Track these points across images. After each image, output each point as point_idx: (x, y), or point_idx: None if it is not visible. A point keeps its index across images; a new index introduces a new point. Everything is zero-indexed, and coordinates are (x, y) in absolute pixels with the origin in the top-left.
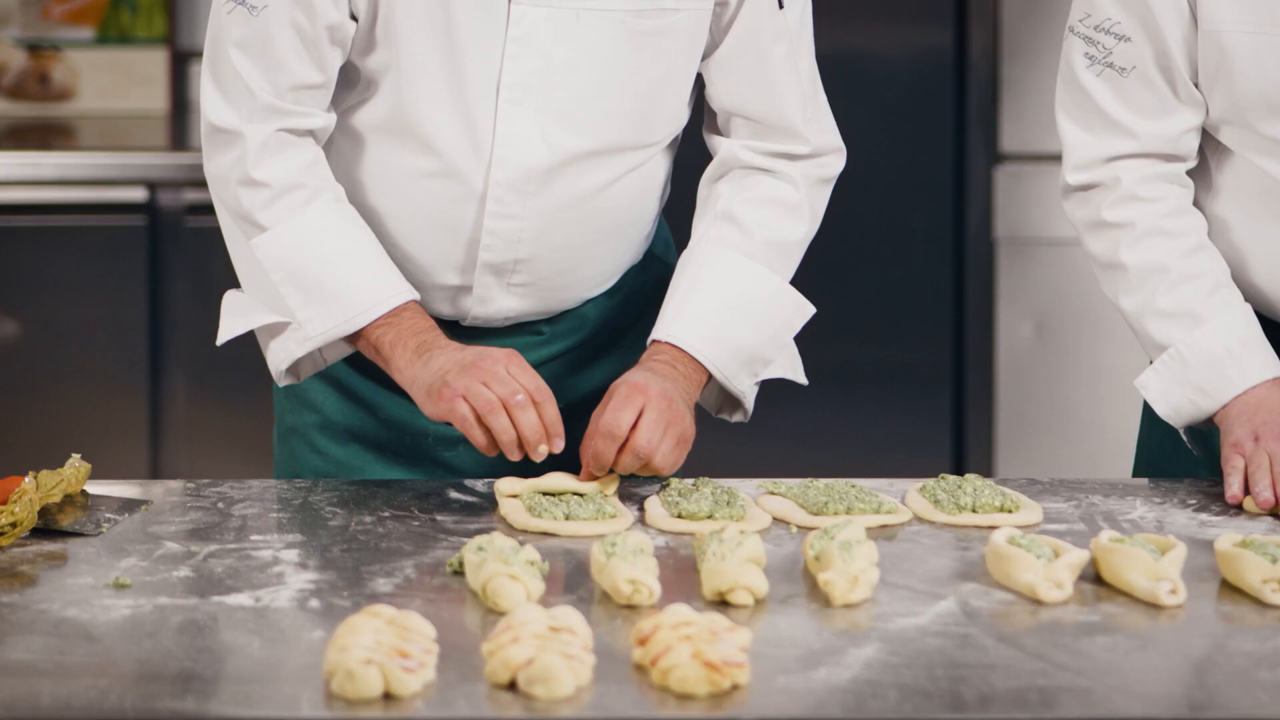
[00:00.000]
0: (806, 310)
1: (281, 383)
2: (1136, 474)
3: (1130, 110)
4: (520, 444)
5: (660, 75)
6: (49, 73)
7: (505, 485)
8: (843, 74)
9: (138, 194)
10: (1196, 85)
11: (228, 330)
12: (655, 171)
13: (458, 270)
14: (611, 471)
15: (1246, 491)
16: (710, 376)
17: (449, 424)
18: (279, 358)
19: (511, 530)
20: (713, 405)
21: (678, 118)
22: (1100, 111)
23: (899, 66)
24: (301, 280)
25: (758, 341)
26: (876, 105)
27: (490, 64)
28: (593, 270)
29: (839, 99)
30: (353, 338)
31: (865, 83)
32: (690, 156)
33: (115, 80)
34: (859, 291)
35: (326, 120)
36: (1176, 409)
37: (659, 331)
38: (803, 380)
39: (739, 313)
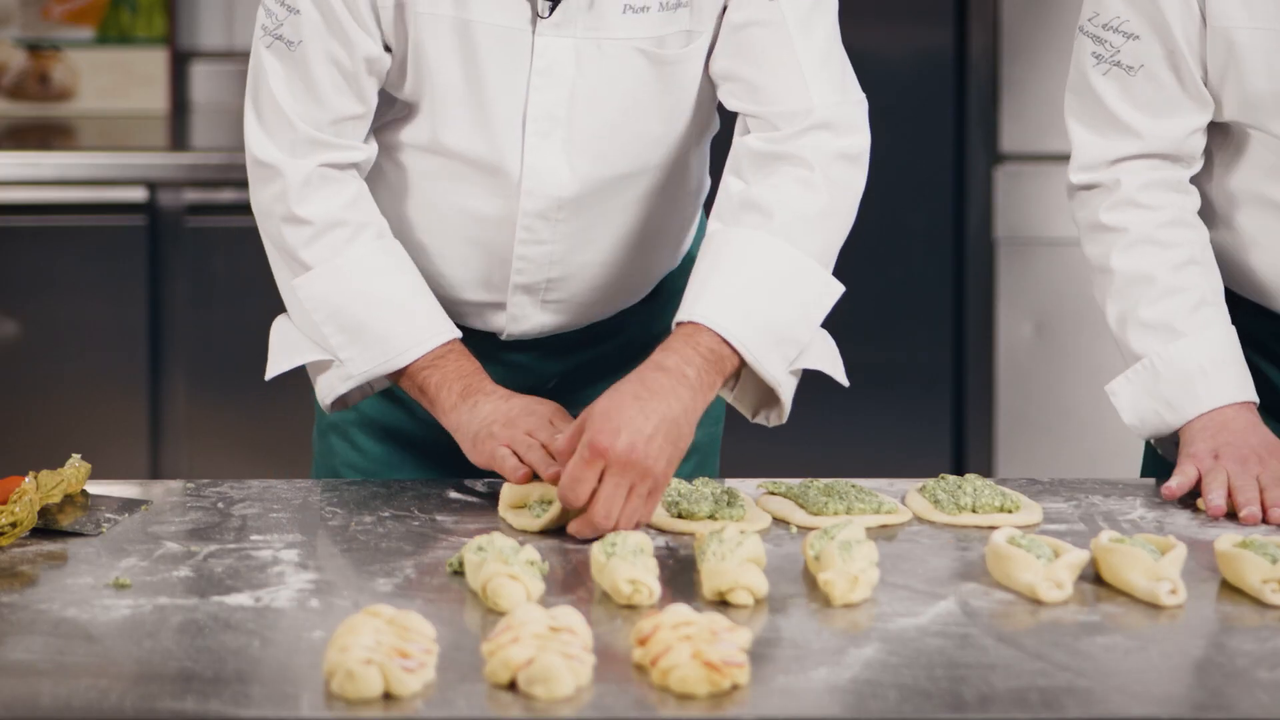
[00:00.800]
0: (835, 288)
1: (330, 413)
2: (1145, 473)
3: (1136, 109)
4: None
5: (683, 97)
6: (49, 73)
7: (509, 494)
8: None
9: (138, 194)
10: (1206, 84)
11: (276, 366)
12: (688, 177)
13: (492, 288)
14: None
15: (1188, 496)
16: (741, 367)
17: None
18: (324, 392)
19: (511, 530)
20: (749, 405)
21: (706, 124)
22: (1106, 111)
23: (899, 66)
24: (343, 320)
25: (786, 319)
26: (876, 105)
27: (516, 96)
28: (629, 283)
29: None
30: (396, 375)
31: (865, 83)
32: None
33: (115, 80)
34: (859, 291)
35: (368, 152)
36: (1142, 419)
37: (681, 313)
38: (844, 380)
39: (764, 287)
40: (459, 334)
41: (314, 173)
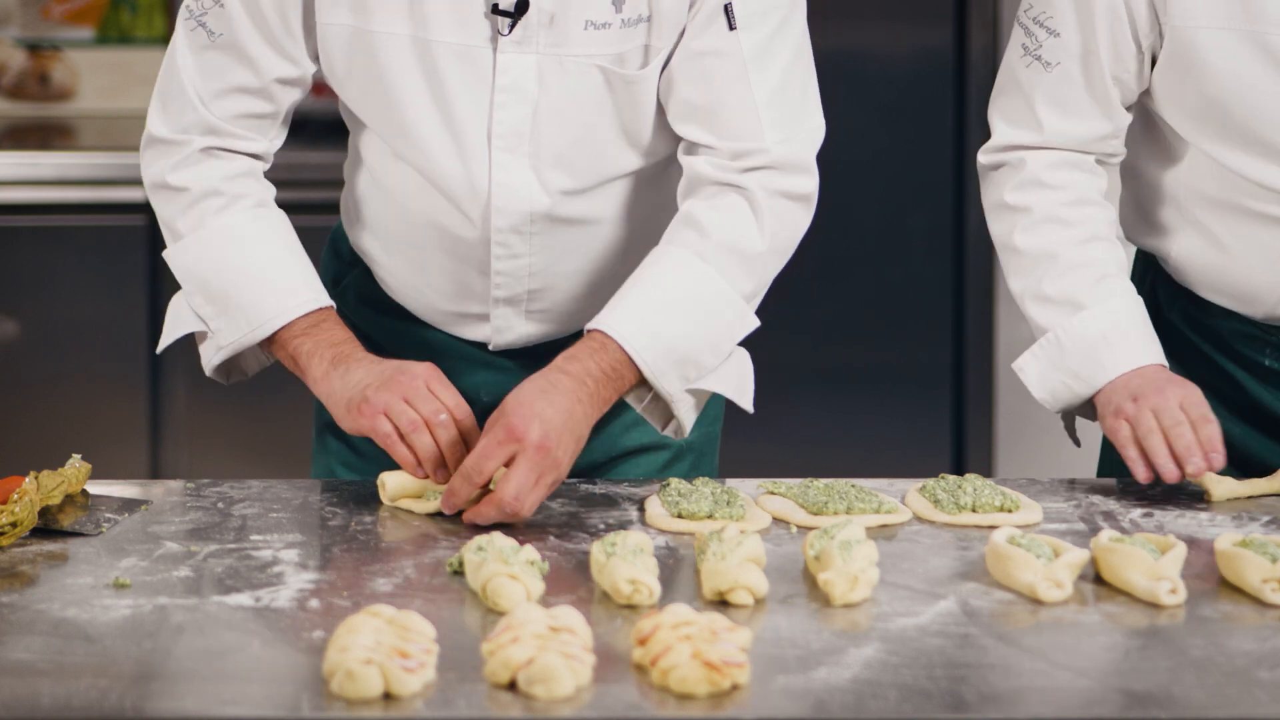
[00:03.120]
0: (750, 321)
1: (226, 381)
2: (1101, 474)
3: (1048, 105)
4: (443, 462)
5: (648, 108)
6: (49, 73)
7: (406, 484)
8: (843, 74)
9: (138, 194)
10: (1128, 94)
11: (164, 339)
12: (663, 188)
13: (474, 300)
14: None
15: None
16: (644, 381)
17: (478, 428)
18: (205, 361)
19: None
20: (658, 419)
21: (674, 138)
22: (1024, 103)
23: (899, 66)
24: (211, 290)
25: (692, 342)
26: (876, 105)
27: (480, 113)
28: (612, 290)
29: (839, 99)
30: (271, 346)
31: (865, 83)
32: None
33: (115, 80)
34: (859, 291)
35: (266, 146)
36: (1053, 393)
37: (594, 320)
38: (748, 406)
39: (676, 308)
40: (328, 302)
41: (201, 150)
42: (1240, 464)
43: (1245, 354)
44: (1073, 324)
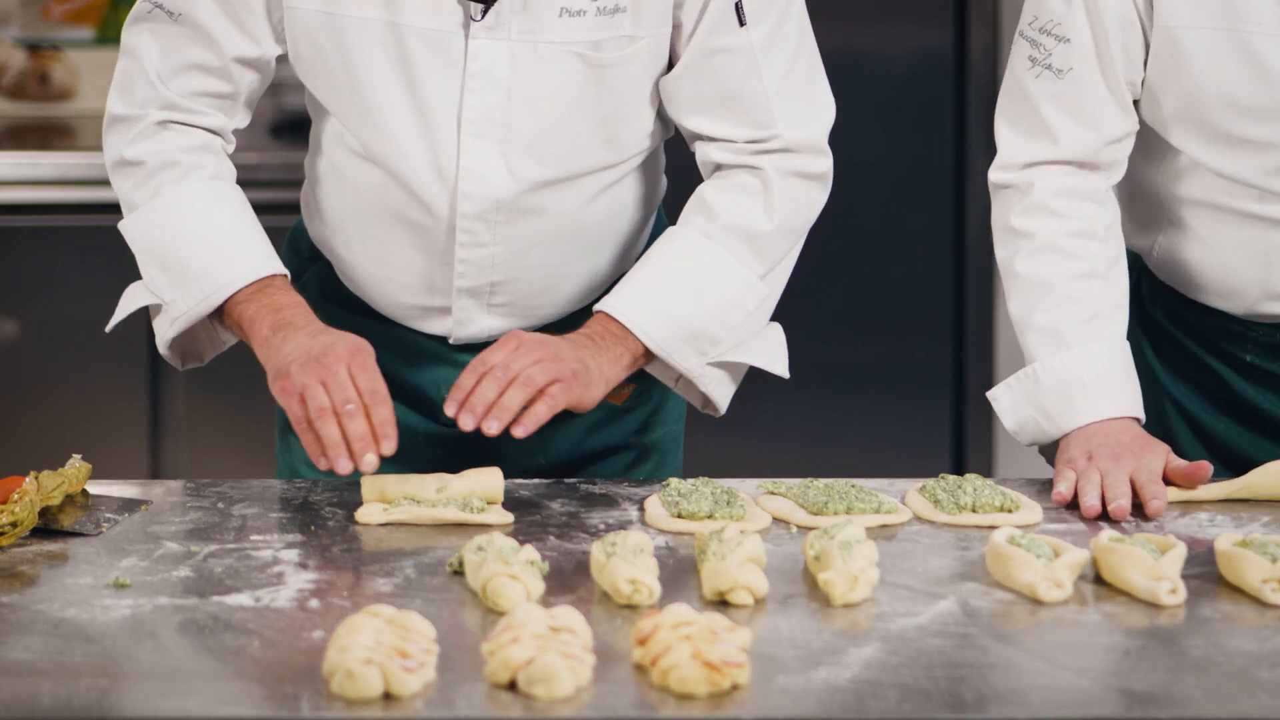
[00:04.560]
0: (758, 291)
1: (181, 367)
2: None
3: (1061, 112)
4: (347, 450)
5: (623, 100)
6: (49, 73)
7: (368, 492)
8: (843, 74)
9: None
10: (1137, 96)
11: (115, 316)
12: (633, 187)
13: (436, 292)
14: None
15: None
16: (650, 352)
17: (440, 423)
18: (159, 337)
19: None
20: (697, 399)
21: (647, 135)
22: (1033, 114)
23: (899, 66)
24: (164, 260)
25: (699, 317)
26: (876, 105)
27: (450, 98)
28: (575, 286)
29: (839, 99)
30: (222, 318)
31: (865, 83)
32: (689, 158)
33: None
34: (859, 291)
35: (225, 122)
36: (1022, 426)
37: (598, 303)
38: (783, 373)
39: (678, 285)
40: (278, 271)
41: (157, 123)
42: (1226, 460)
43: (1228, 350)
44: (1052, 363)
